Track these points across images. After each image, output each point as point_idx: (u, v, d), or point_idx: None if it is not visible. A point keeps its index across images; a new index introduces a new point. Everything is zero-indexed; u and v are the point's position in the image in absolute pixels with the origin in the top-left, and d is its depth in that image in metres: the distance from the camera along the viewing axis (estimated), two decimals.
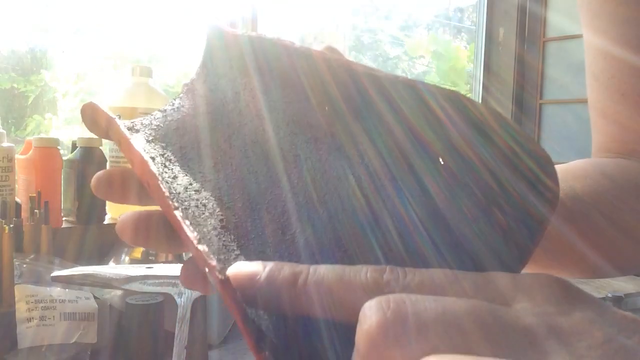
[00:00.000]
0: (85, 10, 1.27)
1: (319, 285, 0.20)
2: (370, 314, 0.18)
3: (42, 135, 1.02)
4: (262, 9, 1.30)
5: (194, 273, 0.27)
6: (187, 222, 0.23)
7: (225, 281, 0.21)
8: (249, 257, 0.24)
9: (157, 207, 0.27)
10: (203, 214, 0.25)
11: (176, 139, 0.29)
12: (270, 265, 0.21)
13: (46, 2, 1.22)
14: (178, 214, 0.23)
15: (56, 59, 1.29)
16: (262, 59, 0.30)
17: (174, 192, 0.26)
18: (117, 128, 0.28)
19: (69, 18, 1.25)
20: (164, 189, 0.24)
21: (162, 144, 0.29)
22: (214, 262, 0.21)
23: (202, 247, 0.22)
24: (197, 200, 0.26)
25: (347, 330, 0.20)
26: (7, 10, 1.15)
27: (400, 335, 0.17)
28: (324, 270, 0.21)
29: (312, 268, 0.21)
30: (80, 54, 1.30)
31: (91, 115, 0.29)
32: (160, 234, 0.28)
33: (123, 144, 0.27)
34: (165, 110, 0.31)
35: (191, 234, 0.22)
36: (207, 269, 0.21)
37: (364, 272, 0.20)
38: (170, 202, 0.24)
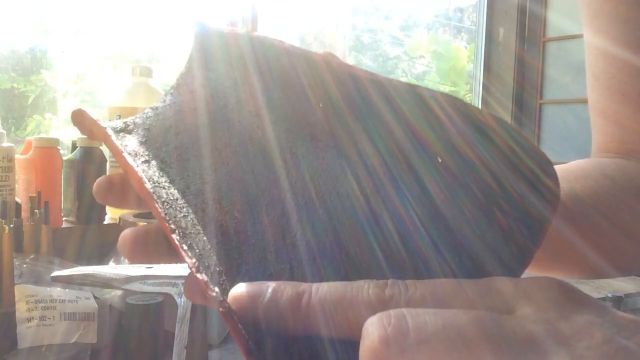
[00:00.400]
0: (85, 10, 1.27)
1: (322, 304, 0.20)
2: (372, 330, 0.18)
3: (42, 135, 1.02)
4: (262, 9, 1.30)
5: (196, 289, 0.27)
6: (185, 247, 0.22)
7: (227, 312, 0.20)
8: (249, 266, 0.24)
9: None
10: (202, 220, 0.25)
11: (170, 139, 0.29)
12: (272, 285, 0.21)
13: (46, 2, 1.22)
14: (175, 237, 0.23)
15: (56, 59, 1.29)
16: (261, 58, 0.29)
17: (172, 198, 0.25)
18: (110, 140, 0.27)
19: (69, 18, 1.25)
20: (160, 210, 0.24)
21: (156, 145, 0.28)
22: (214, 293, 0.21)
23: (201, 276, 0.21)
24: (196, 205, 0.25)
25: (353, 350, 0.20)
26: (7, 10, 1.15)
27: (403, 350, 0.18)
28: (326, 289, 0.21)
29: (315, 287, 0.21)
30: (80, 54, 1.30)
31: (81, 122, 0.29)
32: (160, 249, 0.28)
33: (117, 156, 0.27)
34: (157, 108, 0.31)
35: (190, 260, 0.22)
36: (207, 296, 0.21)
37: (366, 289, 0.20)
38: (167, 225, 0.23)
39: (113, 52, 1.34)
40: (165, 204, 0.24)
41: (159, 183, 0.25)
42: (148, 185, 0.25)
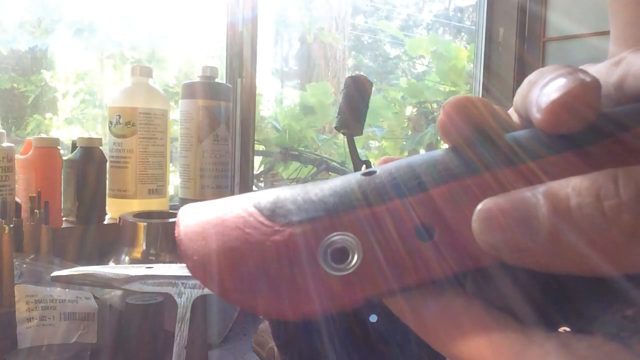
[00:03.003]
0: (85, 10, 1.27)
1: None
2: None
3: (42, 135, 1.02)
4: (262, 9, 1.30)
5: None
6: None
7: None
8: None
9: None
10: None
11: None
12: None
13: (46, 2, 1.22)
14: None
15: (56, 59, 1.29)
16: None
17: None
18: None
19: (69, 18, 1.25)
20: None
21: None
22: None
23: None
24: None
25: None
26: (7, 10, 1.15)
27: None
28: None
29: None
30: (80, 54, 1.30)
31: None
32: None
33: None
34: None
35: None
36: None
37: None
38: None
39: (113, 52, 1.34)
40: None
41: None
42: None
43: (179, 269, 0.60)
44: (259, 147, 2.56)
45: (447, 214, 0.19)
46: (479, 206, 0.18)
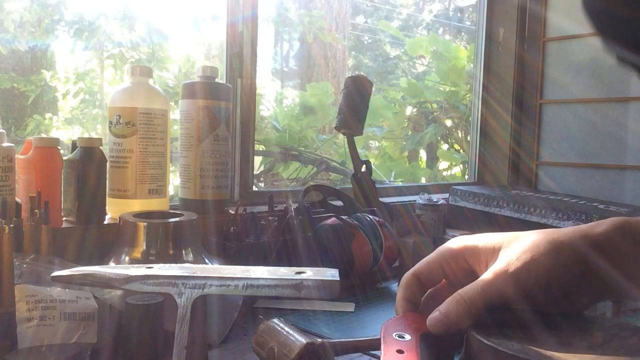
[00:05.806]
0: (86, 10, 1.27)
1: None
2: None
3: (42, 135, 1.02)
4: (262, 8, 1.29)
5: None
6: None
7: None
8: None
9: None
10: None
11: None
12: None
13: (46, 2, 1.22)
14: None
15: (56, 59, 1.29)
16: None
17: None
18: None
19: (69, 18, 1.25)
20: None
21: None
22: None
23: None
24: None
25: None
26: (8, 10, 1.15)
27: None
28: None
29: None
30: (80, 54, 1.30)
31: None
32: None
33: None
34: None
35: None
36: None
37: None
38: None
39: (113, 52, 1.34)
40: None
41: None
42: None
43: (179, 269, 0.60)
44: (259, 147, 2.56)
45: None
46: None
